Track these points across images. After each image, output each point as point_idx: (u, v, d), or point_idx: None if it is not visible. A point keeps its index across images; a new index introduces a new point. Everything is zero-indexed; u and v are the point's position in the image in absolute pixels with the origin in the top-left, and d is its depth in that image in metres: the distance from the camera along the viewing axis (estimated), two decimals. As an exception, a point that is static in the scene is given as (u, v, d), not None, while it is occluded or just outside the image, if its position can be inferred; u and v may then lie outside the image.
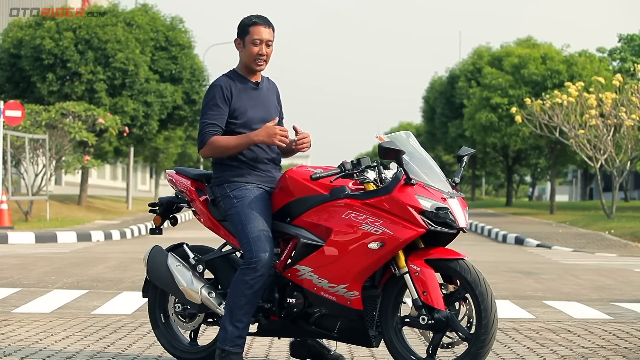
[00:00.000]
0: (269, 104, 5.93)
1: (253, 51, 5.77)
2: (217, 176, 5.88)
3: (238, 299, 5.59)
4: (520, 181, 76.95)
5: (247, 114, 5.81)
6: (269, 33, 5.80)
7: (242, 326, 5.63)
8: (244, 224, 5.67)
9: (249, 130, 5.79)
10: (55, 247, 18.00)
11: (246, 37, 5.79)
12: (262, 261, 5.56)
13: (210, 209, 5.94)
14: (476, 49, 46.62)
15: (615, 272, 14.17)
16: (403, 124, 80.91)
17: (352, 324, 5.56)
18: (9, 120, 23.53)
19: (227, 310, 5.64)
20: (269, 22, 5.84)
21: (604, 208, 30.19)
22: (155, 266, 6.02)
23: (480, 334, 5.31)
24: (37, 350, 6.49)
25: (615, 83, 28.05)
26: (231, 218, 5.77)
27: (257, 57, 5.79)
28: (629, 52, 45.75)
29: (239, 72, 5.89)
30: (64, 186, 49.23)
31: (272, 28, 5.84)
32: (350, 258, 5.41)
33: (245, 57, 5.82)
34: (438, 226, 5.32)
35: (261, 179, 5.83)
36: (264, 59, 5.80)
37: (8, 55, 33.04)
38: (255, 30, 5.77)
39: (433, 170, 5.52)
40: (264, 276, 5.58)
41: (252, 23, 5.79)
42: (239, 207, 5.72)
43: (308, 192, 5.63)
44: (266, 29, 5.79)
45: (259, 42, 5.77)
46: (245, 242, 5.63)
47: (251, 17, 5.82)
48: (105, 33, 32.58)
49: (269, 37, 5.79)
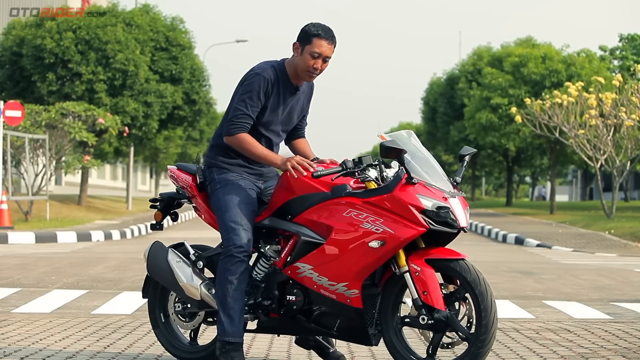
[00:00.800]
0: (297, 108, 5.90)
1: (309, 63, 5.68)
2: (209, 157, 5.91)
3: (225, 288, 5.62)
4: (520, 181, 76.92)
5: (273, 115, 5.78)
6: (330, 49, 5.69)
7: (236, 314, 5.64)
8: (222, 211, 5.71)
9: (266, 130, 5.78)
10: (55, 247, 18.00)
11: (306, 46, 5.67)
12: (239, 247, 5.59)
13: (210, 205, 5.95)
14: (476, 49, 46.63)
15: (615, 272, 14.17)
16: (403, 124, 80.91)
17: (351, 322, 5.56)
18: (9, 120, 23.53)
19: (218, 302, 5.67)
20: (334, 38, 5.70)
21: (604, 208, 30.19)
22: (156, 262, 6.03)
23: (480, 333, 5.31)
24: (37, 350, 6.49)
25: (615, 83, 28.06)
26: (212, 202, 5.82)
27: (312, 69, 5.70)
28: (630, 52, 45.76)
29: (287, 69, 5.78)
30: (64, 186, 49.24)
31: (335, 44, 5.71)
32: (350, 256, 5.41)
33: (300, 65, 5.71)
34: (439, 225, 5.32)
35: (250, 171, 5.87)
36: (317, 73, 5.73)
37: (10, 54, 33.08)
38: (318, 43, 5.65)
39: (434, 170, 5.53)
40: (244, 262, 5.61)
41: (317, 35, 5.65)
42: (219, 193, 5.76)
43: (309, 190, 5.63)
44: (328, 45, 5.67)
45: (318, 55, 5.66)
46: (224, 230, 5.68)
47: (318, 27, 5.69)
48: (105, 34, 32.59)
49: (328, 54, 5.68)
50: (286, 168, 5.57)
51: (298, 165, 5.54)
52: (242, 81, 5.78)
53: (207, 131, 54.60)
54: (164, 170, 57.65)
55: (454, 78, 48.15)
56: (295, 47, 5.74)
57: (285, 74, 5.78)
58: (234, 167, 5.84)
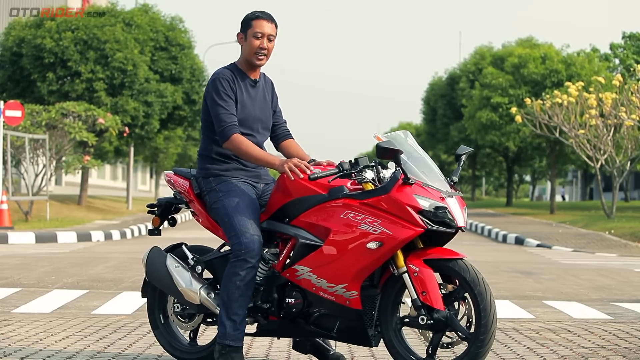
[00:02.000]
0: (265, 102, 5.94)
1: (254, 44, 5.79)
2: (203, 168, 5.89)
3: (231, 292, 5.60)
4: (520, 181, 76.93)
5: (245, 111, 5.81)
6: (271, 28, 5.81)
7: (239, 319, 5.63)
8: (230, 216, 5.68)
9: (246, 128, 5.79)
10: (55, 247, 18.00)
11: (248, 31, 5.80)
12: (252, 252, 5.57)
13: (207, 210, 5.94)
14: (478, 49, 46.60)
15: (615, 272, 14.17)
16: (403, 124, 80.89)
17: (351, 324, 5.56)
18: (9, 120, 23.52)
19: (222, 305, 5.64)
20: (272, 17, 5.86)
21: (604, 208, 30.19)
22: (154, 267, 6.02)
23: (479, 333, 5.30)
24: (37, 350, 6.49)
25: (615, 83, 28.06)
26: (217, 212, 5.78)
27: (258, 50, 5.79)
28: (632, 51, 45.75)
29: (240, 66, 5.89)
30: (64, 186, 49.24)
31: (275, 24, 5.85)
32: (348, 258, 5.40)
33: (246, 51, 5.82)
34: (437, 225, 5.32)
35: (247, 174, 5.87)
36: (264, 53, 5.81)
37: (10, 54, 33.10)
38: (258, 23, 5.79)
39: (431, 170, 5.52)
40: (255, 267, 5.59)
41: (255, 17, 5.81)
42: (224, 201, 5.74)
43: (306, 193, 5.62)
44: (268, 24, 5.81)
45: (261, 35, 5.78)
46: (233, 235, 5.64)
47: (255, 11, 5.85)
48: (104, 33, 32.60)
49: (270, 32, 5.80)
50: (284, 170, 5.54)
51: (295, 168, 5.52)
52: (206, 93, 5.84)
53: (207, 131, 54.57)
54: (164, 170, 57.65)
55: (455, 78, 48.14)
56: (240, 37, 5.85)
57: (240, 70, 5.87)
58: (231, 171, 5.83)
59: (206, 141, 5.90)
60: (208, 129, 5.87)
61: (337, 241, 5.44)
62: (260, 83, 5.94)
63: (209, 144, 5.87)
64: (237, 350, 5.65)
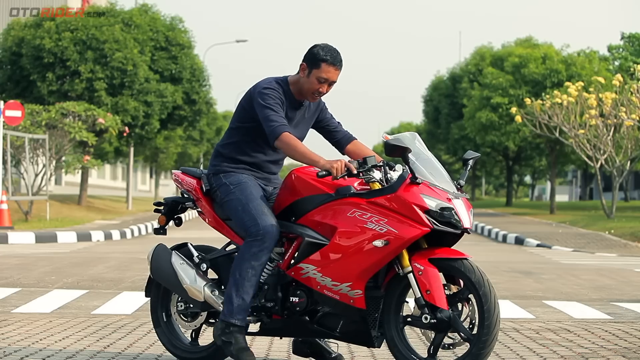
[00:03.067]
0: (304, 120, 5.92)
1: (314, 86, 5.72)
2: (214, 165, 5.93)
3: (245, 271, 5.60)
4: (520, 181, 76.99)
5: None
6: (337, 75, 5.73)
7: (249, 299, 5.64)
8: (244, 204, 5.71)
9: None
10: (55, 247, 18.00)
11: (314, 70, 5.69)
12: (269, 233, 5.58)
13: (215, 208, 5.95)
14: (478, 49, 46.60)
15: (615, 272, 14.16)
16: (403, 124, 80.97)
17: (354, 324, 5.56)
18: (9, 120, 23.53)
19: (233, 283, 5.64)
20: (341, 62, 5.74)
21: (604, 208, 30.19)
22: (159, 264, 6.03)
23: (482, 334, 5.30)
24: (37, 350, 6.49)
25: (615, 83, 28.07)
26: (230, 204, 5.79)
27: (316, 92, 5.74)
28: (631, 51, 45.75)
29: (290, 86, 5.81)
30: (64, 186, 49.26)
31: (341, 69, 5.75)
32: (354, 256, 5.41)
33: (305, 85, 5.74)
34: (443, 226, 5.33)
35: (257, 174, 5.91)
36: (322, 95, 5.79)
37: (10, 54, 33.10)
38: (327, 69, 5.69)
39: (438, 171, 5.54)
40: (269, 249, 5.60)
41: (325, 60, 5.68)
42: (236, 192, 5.77)
43: (314, 192, 5.65)
44: (336, 72, 5.71)
45: (324, 80, 5.71)
46: (249, 219, 5.65)
47: (327, 51, 5.70)
48: (102, 33, 32.60)
49: (334, 79, 5.73)
50: (329, 167, 5.48)
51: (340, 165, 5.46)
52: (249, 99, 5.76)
53: (207, 131, 54.63)
54: (164, 170, 57.67)
55: (457, 77, 48.12)
56: (302, 67, 5.75)
57: (289, 90, 5.81)
58: (241, 170, 5.87)
59: (228, 143, 5.90)
60: (239, 133, 5.86)
61: (343, 239, 5.45)
62: (306, 104, 5.92)
63: (230, 147, 5.89)
64: (242, 331, 5.66)
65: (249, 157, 5.88)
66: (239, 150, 5.88)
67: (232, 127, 5.92)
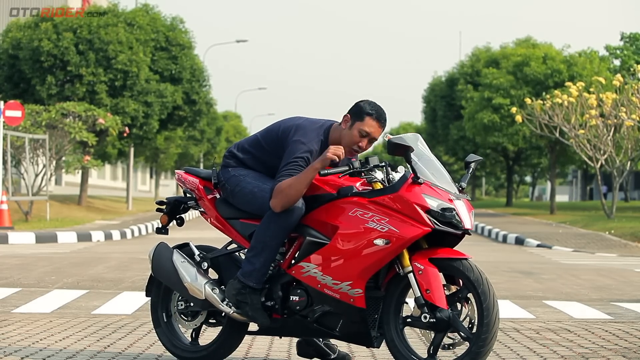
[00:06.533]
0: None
1: (355, 139, 5.67)
2: (226, 162, 5.94)
3: (272, 238, 5.59)
4: (520, 181, 76.99)
5: None
6: (379, 132, 5.72)
7: (268, 264, 5.65)
8: (258, 185, 5.74)
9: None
10: (56, 247, 18.00)
11: (357, 122, 5.66)
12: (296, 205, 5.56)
13: (217, 207, 5.96)
14: (474, 51, 46.61)
15: (615, 272, 14.17)
16: (403, 124, 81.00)
17: (354, 323, 5.57)
18: (9, 120, 23.52)
19: (260, 247, 5.62)
20: (385, 121, 5.72)
21: (604, 208, 30.19)
22: (160, 262, 6.04)
23: (481, 332, 5.31)
24: (37, 350, 6.49)
25: (616, 83, 28.07)
26: (241, 192, 5.80)
27: (356, 146, 5.70)
28: (632, 51, 45.75)
29: (330, 136, 5.74)
30: (64, 186, 49.27)
31: (384, 129, 5.74)
32: (355, 255, 5.43)
33: (345, 138, 5.69)
34: (443, 226, 5.34)
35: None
36: (360, 152, 5.76)
37: (7, 56, 33.04)
38: (370, 123, 5.65)
39: (440, 172, 5.56)
40: (296, 221, 5.59)
41: (370, 114, 5.65)
42: (247, 178, 5.80)
43: (316, 191, 5.66)
44: (379, 129, 5.69)
45: (366, 135, 5.67)
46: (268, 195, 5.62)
47: (373, 107, 5.69)
48: (107, 34, 32.55)
49: (376, 135, 5.71)
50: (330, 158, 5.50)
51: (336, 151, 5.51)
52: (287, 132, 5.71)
53: (207, 131, 54.61)
54: (164, 170, 57.66)
55: (454, 79, 48.12)
56: (345, 119, 5.72)
57: (327, 140, 5.74)
58: (250, 170, 5.91)
59: (248, 150, 5.89)
60: (261, 150, 5.83)
61: (344, 238, 5.47)
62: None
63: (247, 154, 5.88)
64: (256, 293, 5.67)
65: (263, 167, 5.88)
66: (254, 161, 5.89)
67: (258, 139, 5.88)
